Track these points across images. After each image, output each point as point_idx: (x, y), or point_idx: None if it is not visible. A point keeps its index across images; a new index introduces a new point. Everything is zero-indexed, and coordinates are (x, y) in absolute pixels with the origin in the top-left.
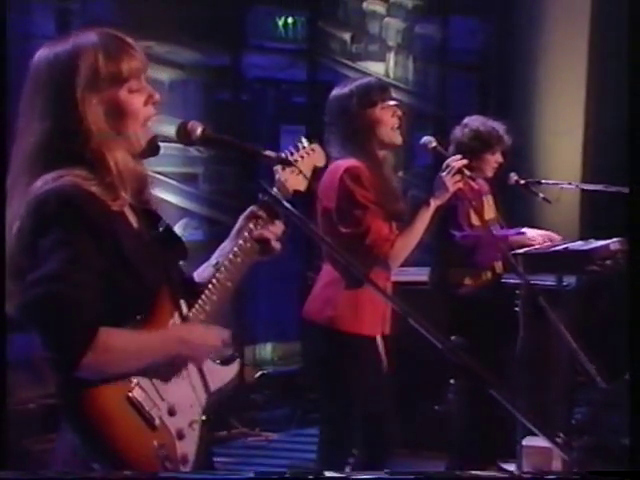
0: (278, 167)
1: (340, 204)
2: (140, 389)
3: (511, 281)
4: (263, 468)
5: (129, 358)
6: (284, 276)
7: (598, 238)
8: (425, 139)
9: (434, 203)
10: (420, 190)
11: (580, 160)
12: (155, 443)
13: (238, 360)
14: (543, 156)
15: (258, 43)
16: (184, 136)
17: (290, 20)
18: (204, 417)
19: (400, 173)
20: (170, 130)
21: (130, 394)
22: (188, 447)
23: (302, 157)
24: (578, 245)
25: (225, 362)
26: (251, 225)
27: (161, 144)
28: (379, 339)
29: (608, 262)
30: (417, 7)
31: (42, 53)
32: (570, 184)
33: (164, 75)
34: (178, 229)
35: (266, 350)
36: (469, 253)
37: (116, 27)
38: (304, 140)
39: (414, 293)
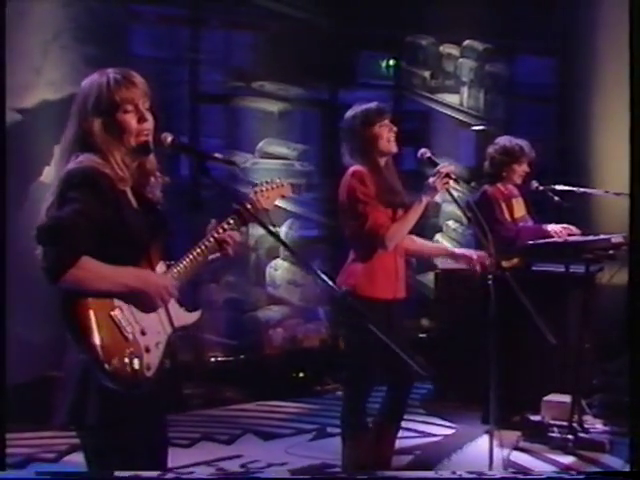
0: (251, 190)
1: (347, 200)
2: (120, 311)
3: (542, 268)
4: None
5: (99, 280)
6: None
7: None
8: (421, 150)
9: (425, 200)
10: None
11: (628, 170)
12: (127, 350)
13: (200, 311)
14: (598, 166)
15: (365, 80)
16: (159, 143)
17: (392, 62)
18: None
19: (473, 183)
20: (281, 150)
21: (112, 313)
22: (152, 359)
23: (272, 187)
24: (578, 238)
25: (189, 310)
26: (215, 233)
27: (273, 161)
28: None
29: (611, 252)
30: (487, 49)
31: (82, 83)
32: (577, 189)
33: (274, 107)
34: (285, 227)
35: None
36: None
37: (245, 72)
38: (277, 178)
39: (461, 277)
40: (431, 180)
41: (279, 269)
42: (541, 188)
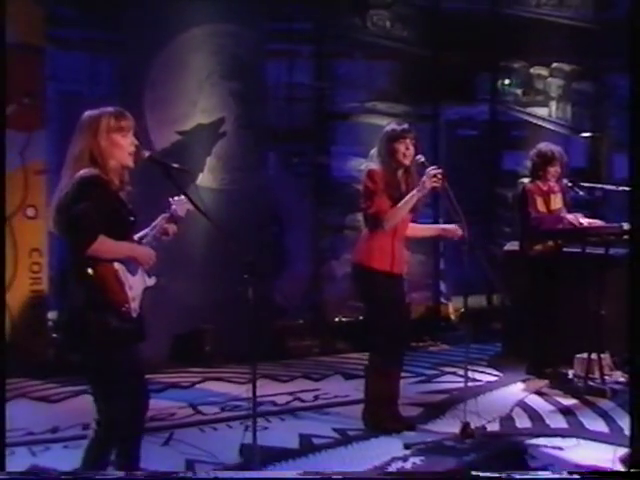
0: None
1: (362, 190)
2: (121, 272)
3: (571, 250)
4: (437, 362)
5: (110, 251)
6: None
7: None
8: (417, 157)
9: (417, 194)
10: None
11: None
12: (122, 297)
13: (154, 277)
14: None
15: (483, 96)
16: (138, 157)
17: (507, 81)
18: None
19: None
20: None
21: (117, 274)
22: (135, 306)
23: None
24: (587, 225)
25: (150, 277)
26: (162, 223)
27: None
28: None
29: (626, 237)
30: (574, 70)
31: (88, 113)
32: (602, 185)
33: (384, 121)
34: None
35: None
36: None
37: (363, 94)
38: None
39: (513, 256)
40: (423, 179)
41: None
42: (569, 185)
